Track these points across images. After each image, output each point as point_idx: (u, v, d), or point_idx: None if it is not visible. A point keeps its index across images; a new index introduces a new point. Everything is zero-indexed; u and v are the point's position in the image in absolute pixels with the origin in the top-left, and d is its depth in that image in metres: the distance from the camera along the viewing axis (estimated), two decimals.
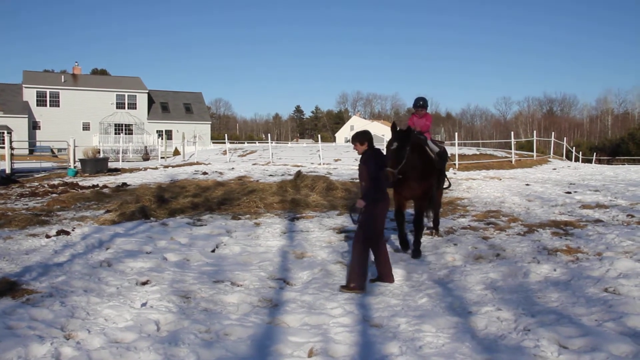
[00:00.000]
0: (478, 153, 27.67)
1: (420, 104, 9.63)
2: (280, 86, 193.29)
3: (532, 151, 29.91)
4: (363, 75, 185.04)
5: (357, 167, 7.06)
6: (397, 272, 7.21)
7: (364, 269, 6.58)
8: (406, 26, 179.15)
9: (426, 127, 9.43)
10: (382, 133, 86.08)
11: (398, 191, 8.23)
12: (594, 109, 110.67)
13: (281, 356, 4.70)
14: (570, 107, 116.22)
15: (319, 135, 54.46)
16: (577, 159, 36.28)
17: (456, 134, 27.86)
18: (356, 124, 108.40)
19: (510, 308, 5.67)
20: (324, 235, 9.57)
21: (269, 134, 42.01)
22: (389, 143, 7.40)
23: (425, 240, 9.13)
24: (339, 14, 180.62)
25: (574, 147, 39.37)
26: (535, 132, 35.74)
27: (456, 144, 26.27)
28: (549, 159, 29.40)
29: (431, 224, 9.70)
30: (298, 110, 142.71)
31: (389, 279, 6.86)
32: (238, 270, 7.36)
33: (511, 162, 25.73)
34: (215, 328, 5.24)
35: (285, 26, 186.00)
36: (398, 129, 7.47)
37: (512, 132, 28.71)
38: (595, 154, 50.84)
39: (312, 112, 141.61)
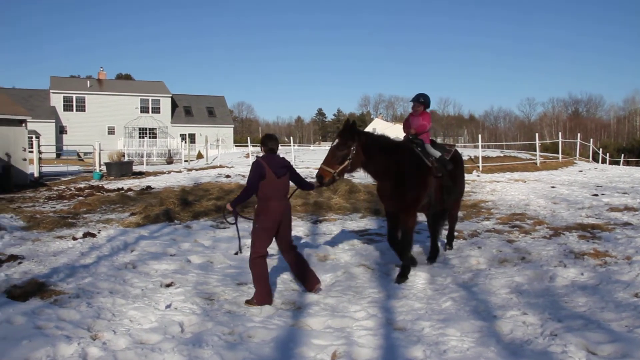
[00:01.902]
0: (502, 155, 27.38)
1: (421, 100, 8.10)
2: (302, 89, 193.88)
3: (558, 153, 29.47)
4: (385, 78, 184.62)
5: None
6: (420, 275, 7.16)
7: (264, 282, 6.26)
8: (428, 29, 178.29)
9: (422, 127, 7.90)
10: (404, 135, 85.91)
11: (385, 206, 7.60)
12: (622, 109, 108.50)
13: (304, 358, 4.69)
14: (597, 108, 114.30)
15: None
16: (604, 161, 35.69)
17: (479, 136, 27.57)
18: (378, 126, 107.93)
19: (537, 312, 5.58)
20: (346, 238, 9.54)
21: (291, 137, 42.11)
22: (333, 140, 6.82)
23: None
24: (360, 18, 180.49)
25: (600, 149, 38.67)
26: (560, 133, 35.27)
27: (480, 146, 26.00)
28: (575, 161, 28.97)
29: (445, 239, 8.90)
30: (320, 113, 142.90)
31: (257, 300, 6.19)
32: None
33: (536, 164, 25.42)
34: (239, 330, 5.26)
35: (307, 30, 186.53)
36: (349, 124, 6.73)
37: (537, 134, 28.38)
38: (623, 155, 49.86)
39: (334, 115, 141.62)
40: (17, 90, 59.98)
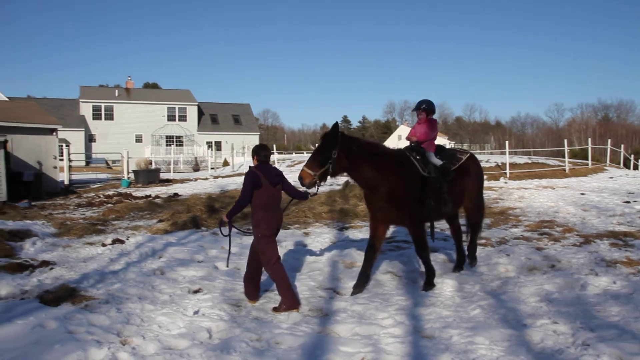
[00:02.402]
0: (530, 162, 26.99)
1: (423, 107, 7.76)
2: (328, 96, 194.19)
3: (587, 159, 28.97)
4: (410, 84, 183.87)
5: None
6: (448, 283, 7.10)
7: (290, 290, 6.25)
8: (452, 35, 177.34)
9: (424, 135, 7.56)
10: None
11: (370, 214, 7.20)
12: None
13: None
14: (628, 113, 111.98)
15: None
16: (635, 167, 34.95)
17: (507, 142, 27.22)
18: (404, 133, 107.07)
19: (567, 321, 5.48)
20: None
21: (316, 144, 42.11)
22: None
23: (477, 250, 8.94)
24: (386, 26, 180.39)
25: (632, 155, 37.88)
26: (590, 139, 34.69)
27: (507, 153, 25.67)
28: (605, 167, 28.43)
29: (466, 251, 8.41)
30: (345, 120, 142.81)
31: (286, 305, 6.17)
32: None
33: (565, 170, 25.01)
34: (266, 336, 5.27)
35: (332, 38, 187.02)
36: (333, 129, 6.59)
37: (565, 140, 27.86)
38: None
39: (360, 122, 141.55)
40: (48, 100, 61.32)
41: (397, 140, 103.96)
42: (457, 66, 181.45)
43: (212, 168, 37.47)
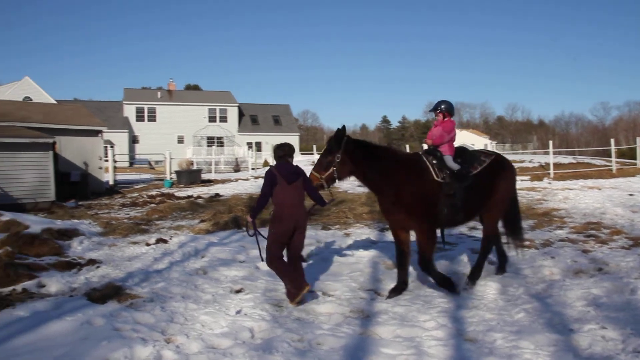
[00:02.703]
0: (574, 162, 26.32)
1: (441, 108, 7.32)
2: (367, 96, 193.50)
3: (635, 159, 28.06)
4: (450, 84, 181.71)
5: None
6: (491, 286, 6.96)
7: (290, 276, 6.36)
8: (493, 31, 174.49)
9: (439, 138, 7.14)
10: (471, 142, 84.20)
11: (384, 217, 7.16)
12: None
13: None
14: None
15: (407, 145, 53.89)
16: None
17: (550, 142, 26.58)
18: None
19: (617, 327, 5.30)
20: (414, 247, 9.41)
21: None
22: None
23: (521, 252, 8.77)
24: (426, 28, 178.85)
25: None
26: (638, 138, 33.58)
27: (550, 153, 25.10)
28: None
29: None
30: (385, 120, 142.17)
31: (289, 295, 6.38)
32: (329, 281, 7.39)
33: (611, 170, 24.28)
34: (308, 337, 5.27)
35: (371, 40, 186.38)
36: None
37: (612, 139, 27.05)
38: None
39: (399, 122, 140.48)
40: (93, 102, 63.01)
41: None
42: (498, 65, 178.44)
43: (252, 168, 37.80)
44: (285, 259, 6.57)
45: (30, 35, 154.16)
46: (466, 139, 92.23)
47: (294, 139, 64.58)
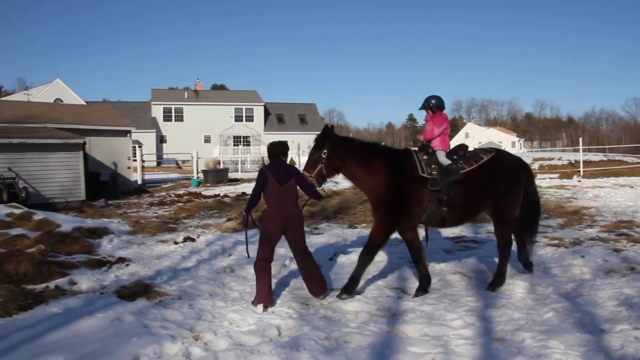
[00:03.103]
0: (605, 159, 25.82)
1: (432, 103, 7.13)
2: (393, 95, 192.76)
3: None
4: (477, 81, 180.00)
5: None
6: (519, 284, 6.87)
7: (263, 284, 6.26)
8: (521, 27, 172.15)
9: (429, 134, 6.98)
10: (499, 140, 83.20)
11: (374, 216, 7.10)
12: None
13: None
14: None
15: None
16: None
17: (580, 139, 26.12)
18: (471, 130, 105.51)
19: None
20: (441, 245, 9.37)
21: (382, 144, 41.94)
22: None
23: (550, 251, 8.65)
24: (450, 28, 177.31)
25: None
26: None
27: (580, 150, 24.70)
28: None
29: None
30: (411, 118, 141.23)
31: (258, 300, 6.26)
32: None
33: None
34: (335, 335, 5.28)
35: (397, 40, 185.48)
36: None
37: None
38: None
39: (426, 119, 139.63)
40: (122, 103, 63.97)
41: (465, 138, 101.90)
42: (526, 61, 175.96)
43: None
44: (292, 260, 6.57)
45: (61, 39, 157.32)
46: (493, 136, 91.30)
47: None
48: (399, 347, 4.99)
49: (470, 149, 7.20)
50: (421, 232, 7.10)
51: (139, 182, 25.54)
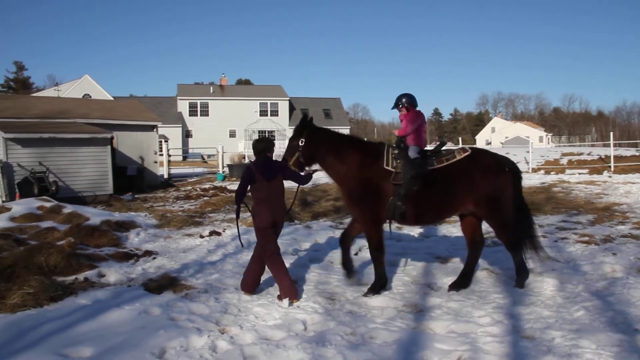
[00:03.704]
0: (637, 154, 25.28)
1: (403, 101, 7.10)
2: (418, 89, 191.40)
3: None
4: (504, 75, 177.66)
5: None
6: (549, 282, 6.74)
7: (286, 281, 6.25)
8: (548, 19, 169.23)
9: (402, 130, 6.94)
10: (526, 134, 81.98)
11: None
12: None
13: None
14: None
15: (459, 138, 53.08)
16: None
17: (611, 133, 25.61)
18: (497, 125, 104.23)
19: None
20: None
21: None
22: None
23: (580, 248, 8.49)
24: (474, 23, 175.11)
25: None
26: None
27: (611, 145, 24.20)
28: None
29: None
30: (436, 113, 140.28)
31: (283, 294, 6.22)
32: None
33: None
34: (361, 331, 5.25)
35: (422, 36, 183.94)
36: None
37: None
38: None
39: (451, 114, 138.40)
40: (148, 98, 64.55)
41: (491, 133, 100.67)
42: (555, 55, 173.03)
43: None
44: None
45: (90, 36, 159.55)
46: (520, 131, 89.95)
47: (344, 132, 64.49)
48: (425, 343, 4.94)
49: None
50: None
51: (165, 176, 25.80)
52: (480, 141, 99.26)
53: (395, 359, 4.65)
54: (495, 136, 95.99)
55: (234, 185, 21.14)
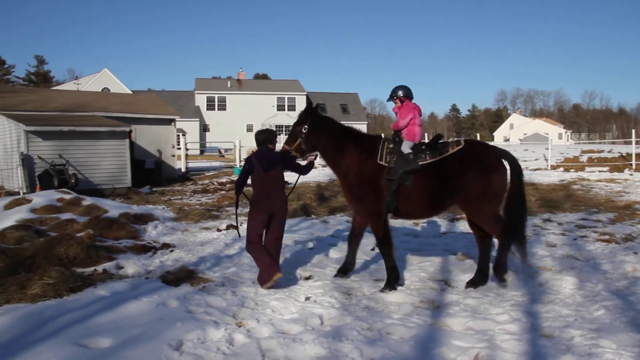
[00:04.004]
0: None
1: (399, 93, 7.01)
2: (436, 85, 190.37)
3: None
4: (523, 71, 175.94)
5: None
6: (568, 280, 6.66)
7: (265, 263, 6.41)
8: (567, 14, 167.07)
9: (396, 124, 6.90)
10: (545, 131, 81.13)
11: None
12: None
13: None
14: None
15: (477, 135, 52.68)
16: None
17: (632, 131, 25.15)
18: (516, 122, 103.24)
19: None
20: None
21: (425, 134, 41.50)
22: None
23: (600, 246, 8.39)
24: (493, 21, 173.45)
25: None
26: None
27: (633, 142, 23.82)
28: None
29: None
30: (454, 108, 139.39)
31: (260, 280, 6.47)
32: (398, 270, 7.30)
33: None
34: (378, 326, 5.23)
35: (441, 32, 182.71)
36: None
37: None
38: None
39: (469, 110, 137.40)
40: (166, 93, 64.93)
41: (509, 130, 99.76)
42: (575, 50, 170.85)
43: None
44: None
45: (109, 30, 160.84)
46: (538, 127, 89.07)
47: (361, 128, 64.01)
48: (442, 340, 4.91)
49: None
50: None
51: (183, 169, 25.94)
52: (498, 138, 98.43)
53: (412, 355, 4.62)
54: (513, 133, 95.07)
55: None
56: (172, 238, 9.68)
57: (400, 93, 7.01)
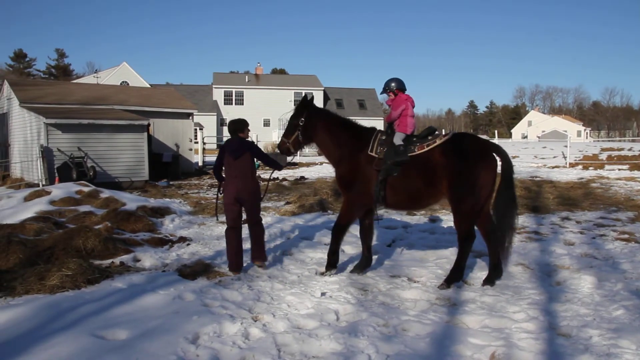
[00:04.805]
0: None
1: (392, 85, 7.13)
2: (453, 81, 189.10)
3: None
4: (542, 68, 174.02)
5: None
6: (586, 279, 6.58)
7: (233, 248, 6.98)
8: (587, 10, 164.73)
9: (388, 116, 7.05)
10: (563, 129, 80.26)
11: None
12: None
13: (461, 357, 4.52)
14: None
15: (495, 131, 52.26)
16: None
17: None
18: (534, 119, 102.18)
19: None
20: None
21: (442, 130, 41.27)
22: None
23: (619, 245, 8.27)
24: (513, 18, 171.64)
25: None
26: None
27: None
28: None
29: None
30: (472, 105, 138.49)
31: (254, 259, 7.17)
32: (414, 266, 7.29)
33: None
34: (393, 322, 5.21)
35: (459, 29, 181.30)
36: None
37: None
38: None
39: (487, 107, 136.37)
40: (184, 87, 65.28)
41: (527, 127, 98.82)
42: (595, 46, 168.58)
43: None
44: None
45: (128, 23, 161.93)
46: (557, 125, 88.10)
47: (378, 123, 64.01)
48: (459, 337, 4.88)
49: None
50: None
51: (200, 163, 26.07)
52: (516, 135, 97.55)
53: (428, 352, 4.60)
54: (531, 130, 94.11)
55: (267, 174, 21.25)
56: (188, 232, 9.73)
57: (393, 85, 7.12)
